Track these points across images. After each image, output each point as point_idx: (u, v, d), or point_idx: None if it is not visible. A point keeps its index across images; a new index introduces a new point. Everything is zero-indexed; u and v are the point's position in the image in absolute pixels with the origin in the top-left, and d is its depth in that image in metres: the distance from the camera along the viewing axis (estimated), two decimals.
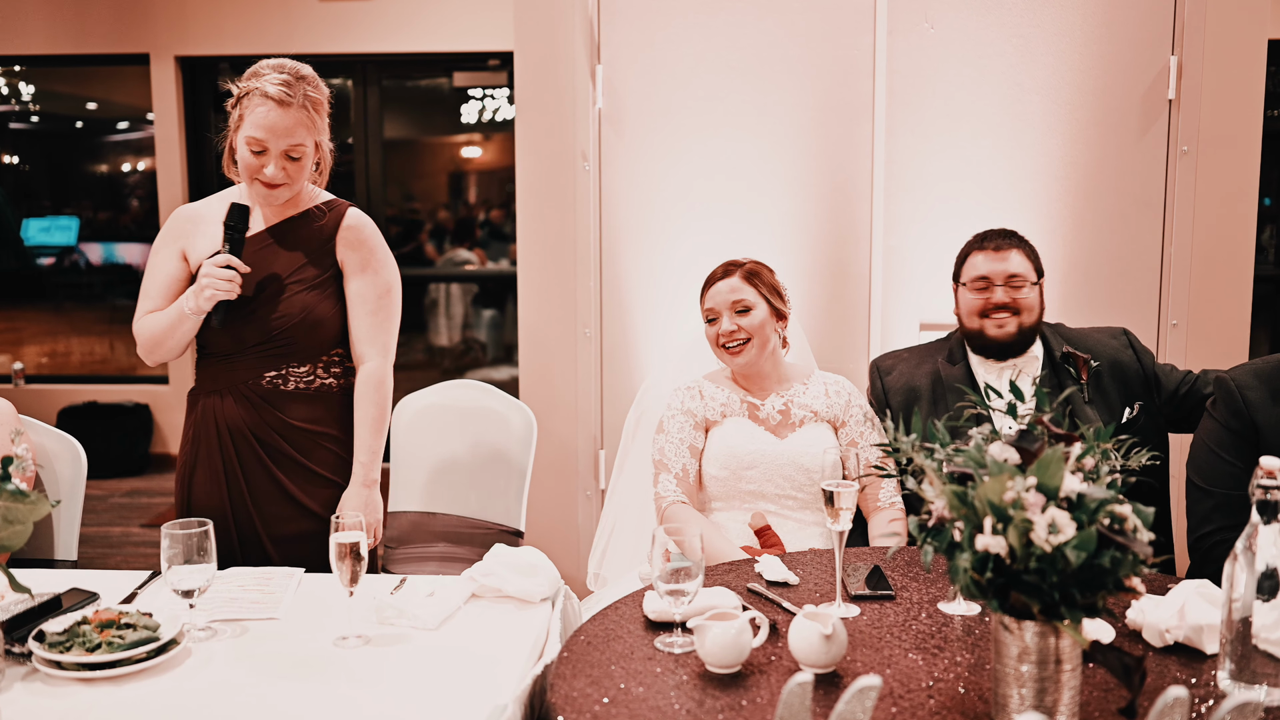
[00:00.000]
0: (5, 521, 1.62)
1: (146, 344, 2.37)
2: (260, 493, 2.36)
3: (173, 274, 2.36)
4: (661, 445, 2.51)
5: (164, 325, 2.31)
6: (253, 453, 2.35)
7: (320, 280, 2.36)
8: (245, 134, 2.26)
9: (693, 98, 3.26)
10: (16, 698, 1.64)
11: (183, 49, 6.08)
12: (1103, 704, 1.52)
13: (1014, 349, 2.56)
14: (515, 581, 2.00)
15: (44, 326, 7.13)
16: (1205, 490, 2.22)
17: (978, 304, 2.55)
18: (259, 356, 2.34)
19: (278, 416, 2.35)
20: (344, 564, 1.80)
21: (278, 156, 2.26)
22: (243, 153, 2.27)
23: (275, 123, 2.23)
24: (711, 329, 2.56)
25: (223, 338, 2.33)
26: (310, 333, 2.35)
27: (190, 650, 1.79)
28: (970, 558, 1.38)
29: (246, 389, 2.34)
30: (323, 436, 2.38)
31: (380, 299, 2.39)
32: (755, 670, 1.64)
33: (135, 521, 5.31)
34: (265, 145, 2.25)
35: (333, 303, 2.38)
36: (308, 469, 2.37)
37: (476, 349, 7.21)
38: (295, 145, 2.27)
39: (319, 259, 2.37)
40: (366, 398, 2.38)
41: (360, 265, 2.38)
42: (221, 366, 2.36)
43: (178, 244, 2.36)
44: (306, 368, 2.37)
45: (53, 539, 2.59)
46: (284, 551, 2.37)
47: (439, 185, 7.15)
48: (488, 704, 1.60)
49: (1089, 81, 3.14)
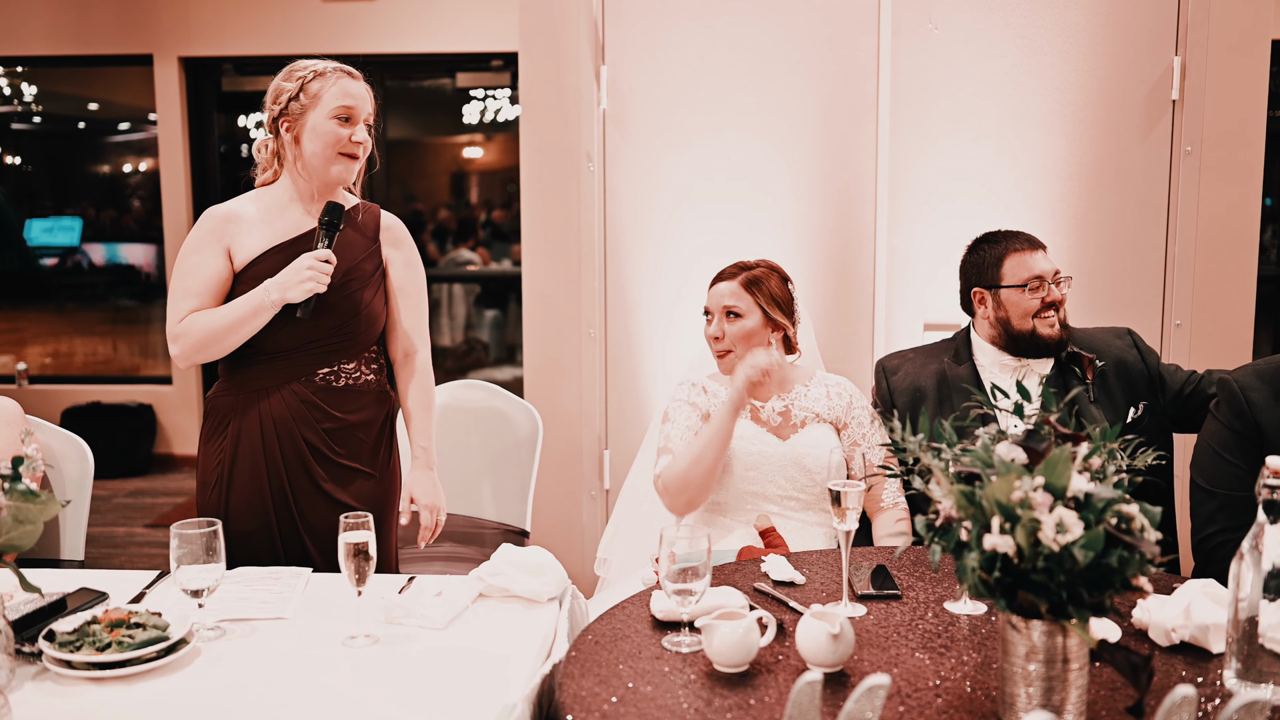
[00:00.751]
0: (16, 521, 1.63)
1: (199, 342, 2.31)
2: (300, 489, 2.37)
3: (218, 272, 2.35)
4: (668, 432, 2.52)
5: (233, 319, 2.29)
6: (296, 450, 2.36)
7: (372, 277, 2.42)
8: (330, 107, 2.33)
9: (697, 98, 3.27)
10: (27, 697, 1.64)
11: (186, 50, 6.09)
12: (1109, 703, 1.52)
13: (1061, 346, 2.55)
14: (523, 581, 2.01)
15: (46, 327, 7.14)
16: (1209, 491, 2.22)
17: (1033, 305, 2.52)
18: (316, 353, 2.36)
19: (328, 412, 2.37)
20: (352, 564, 1.81)
21: (363, 123, 2.38)
22: (326, 127, 2.34)
23: (359, 91, 2.38)
24: (706, 327, 2.61)
25: (283, 335, 2.33)
26: (367, 327, 2.41)
27: (199, 650, 1.80)
28: (978, 557, 1.39)
29: (299, 387, 2.36)
30: (363, 428, 2.42)
31: (421, 293, 2.53)
32: (763, 669, 1.65)
33: (139, 522, 5.32)
34: (352, 110, 2.35)
35: (383, 298, 2.46)
36: (339, 463, 2.40)
37: (479, 349, 7.23)
38: (369, 114, 2.40)
39: (369, 256, 2.42)
40: (420, 385, 2.50)
41: (405, 262, 2.49)
42: (273, 365, 2.36)
43: (220, 243, 2.36)
44: (354, 364, 2.42)
45: (59, 539, 2.60)
46: (323, 549, 2.37)
47: (441, 185, 7.17)
48: (497, 703, 1.61)
49: (1093, 82, 3.15)
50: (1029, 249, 2.55)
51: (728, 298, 2.55)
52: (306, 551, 2.38)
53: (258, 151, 2.44)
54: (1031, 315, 2.53)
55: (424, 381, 2.51)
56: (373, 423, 2.43)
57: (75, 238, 6.87)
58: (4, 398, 2.43)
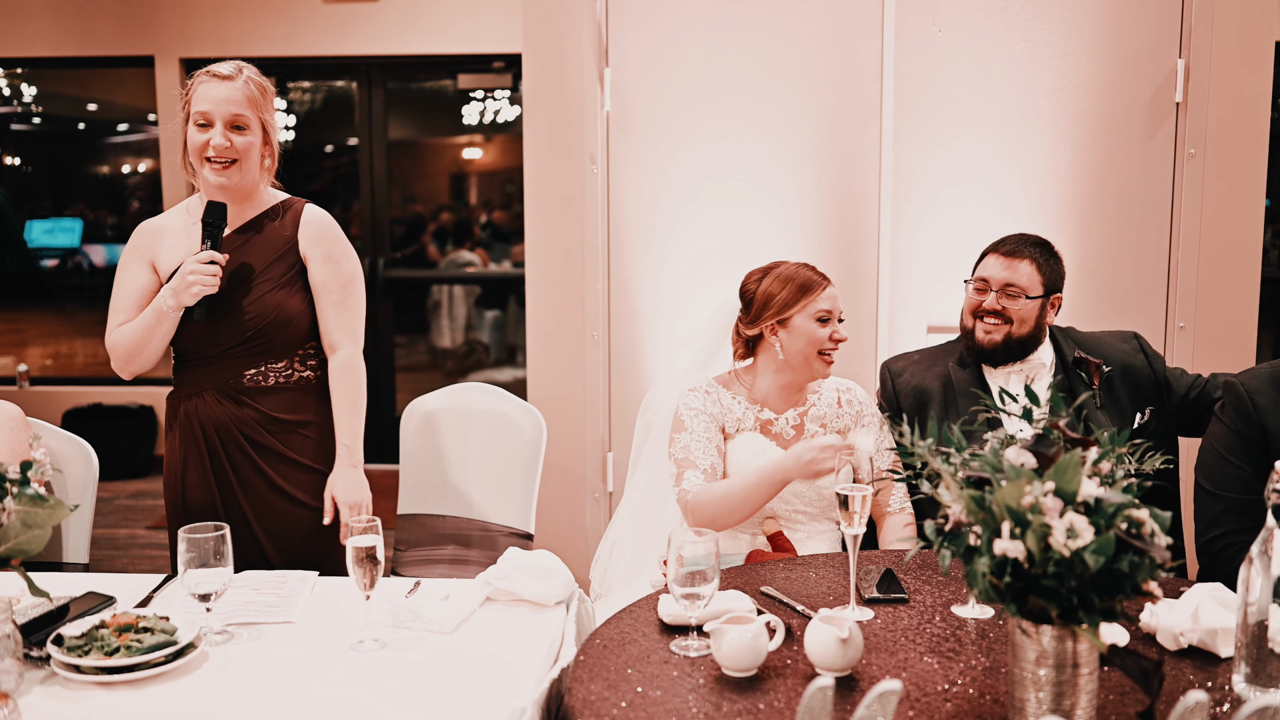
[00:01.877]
0: (24, 526, 1.63)
1: (125, 353, 2.38)
2: (249, 488, 2.42)
3: (143, 285, 2.41)
4: (686, 443, 2.43)
5: (143, 329, 2.35)
6: (239, 449, 2.40)
7: (287, 277, 2.42)
8: (192, 114, 2.32)
9: (701, 101, 3.27)
10: (36, 701, 1.64)
11: (187, 51, 6.08)
12: (1119, 707, 1.52)
13: (1000, 356, 2.54)
14: (529, 585, 2.01)
15: (47, 328, 7.13)
16: (1214, 494, 2.22)
17: (972, 304, 2.57)
18: (237, 356, 2.39)
19: (261, 411, 2.40)
20: (361, 569, 1.81)
21: (223, 128, 2.31)
22: (191, 134, 2.33)
23: (218, 93, 2.31)
24: (822, 330, 2.45)
25: (200, 341, 2.38)
26: (284, 329, 2.40)
27: (207, 654, 1.80)
28: (989, 562, 1.39)
29: (228, 388, 2.40)
30: (304, 426, 2.44)
31: (345, 289, 2.46)
32: (771, 674, 1.65)
33: (141, 524, 5.31)
34: (209, 117, 2.32)
35: (301, 298, 2.43)
36: (291, 459, 2.43)
37: (479, 350, 7.22)
38: (238, 115, 2.33)
39: (284, 256, 2.42)
40: (341, 383, 2.44)
41: (323, 258, 2.44)
42: (201, 370, 2.41)
43: (146, 257, 2.42)
44: (284, 363, 2.43)
45: (62, 542, 2.59)
46: (277, 543, 2.42)
47: (440, 186, 7.16)
48: (506, 707, 1.61)
49: (1096, 85, 3.15)
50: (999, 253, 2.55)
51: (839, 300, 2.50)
52: (262, 550, 2.41)
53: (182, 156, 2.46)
54: (971, 314, 2.56)
55: (346, 379, 2.43)
56: (313, 420, 2.45)
57: (76, 239, 6.86)
58: (5, 402, 2.43)
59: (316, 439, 2.45)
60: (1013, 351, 2.53)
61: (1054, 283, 2.55)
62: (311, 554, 2.40)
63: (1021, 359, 2.56)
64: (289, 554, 2.41)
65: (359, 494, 2.40)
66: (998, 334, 2.52)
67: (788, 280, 2.48)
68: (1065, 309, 3.12)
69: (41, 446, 2.16)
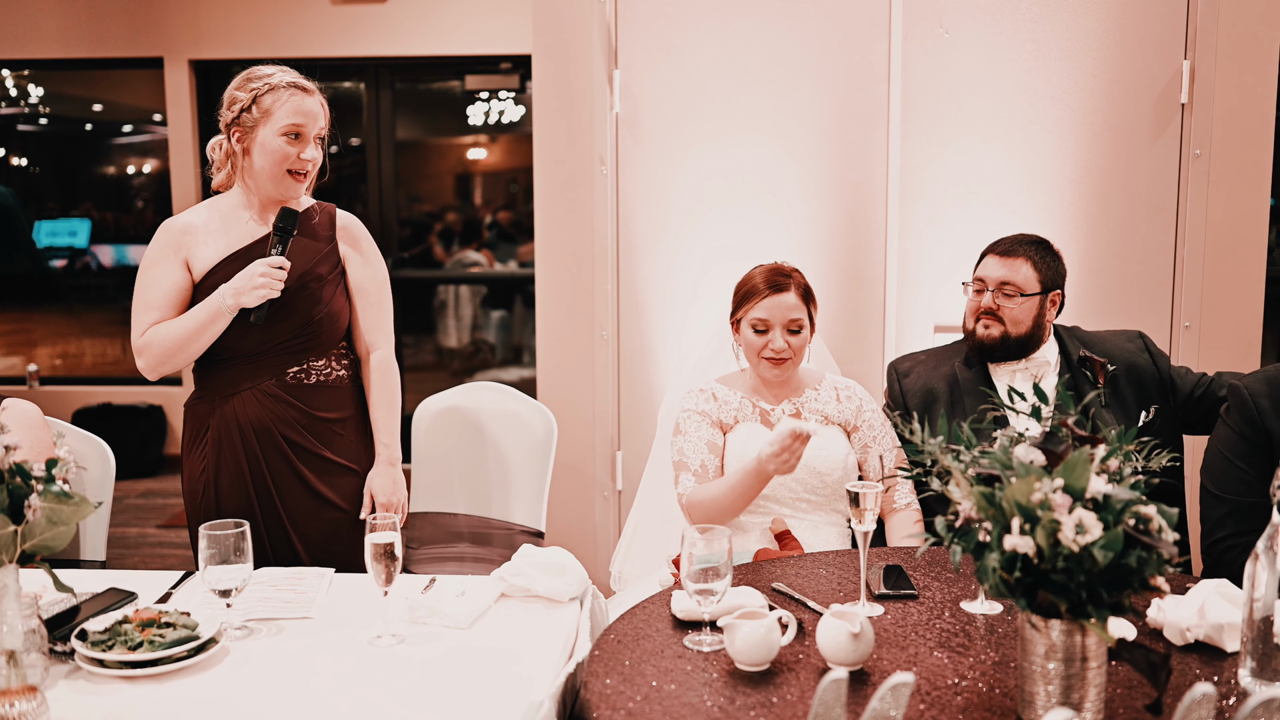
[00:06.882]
0: (49, 523, 1.66)
1: (164, 352, 2.35)
2: (286, 490, 2.42)
3: (177, 283, 2.39)
4: (680, 446, 2.51)
5: (190, 328, 2.33)
6: (277, 450, 2.41)
7: (331, 276, 2.46)
8: (281, 124, 2.35)
9: (709, 102, 3.29)
10: (62, 695, 1.67)
11: (196, 52, 6.11)
12: (1127, 700, 1.55)
13: (1001, 352, 2.59)
14: (544, 581, 2.04)
15: (55, 328, 7.16)
16: (1219, 496, 2.25)
17: (971, 304, 2.64)
18: (282, 353, 2.41)
19: (302, 410, 2.42)
20: (380, 565, 1.84)
21: (313, 141, 2.39)
22: (275, 144, 2.36)
23: (309, 108, 2.38)
24: (759, 339, 2.49)
25: (247, 339, 2.37)
26: (332, 326, 2.44)
27: (228, 649, 1.83)
28: (999, 558, 1.41)
29: (271, 386, 2.41)
30: (341, 424, 2.47)
31: (380, 290, 2.53)
32: (784, 668, 1.67)
33: (151, 522, 5.35)
34: (302, 129, 2.36)
35: (343, 297, 2.49)
36: (328, 460, 2.45)
37: (486, 350, 7.24)
38: (322, 129, 2.41)
39: (327, 256, 2.46)
40: (381, 383, 2.51)
41: (361, 260, 2.51)
42: (240, 368, 2.41)
43: (178, 255, 2.40)
44: (324, 361, 2.46)
45: (79, 540, 2.62)
46: (311, 548, 2.42)
47: (446, 186, 7.18)
48: (523, 701, 1.64)
49: (1102, 86, 3.17)
50: (996, 253, 2.62)
51: (792, 310, 2.48)
52: (294, 550, 2.42)
53: (211, 151, 2.48)
54: (972, 315, 2.62)
55: (384, 379, 2.51)
56: (350, 419, 2.48)
57: (84, 239, 6.90)
58: (25, 401, 2.45)
59: (353, 437, 2.48)
60: (1012, 350, 2.58)
61: (1052, 280, 2.58)
62: (345, 556, 2.41)
63: (1023, 357, 2.59)
64: (322, 557, 2.42)
65: (396, 493, 2.46)
66: (994, 331, 2.58)
67: (741, 285, 2.59)
68: (1071, 308, 3.15)
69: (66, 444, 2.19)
